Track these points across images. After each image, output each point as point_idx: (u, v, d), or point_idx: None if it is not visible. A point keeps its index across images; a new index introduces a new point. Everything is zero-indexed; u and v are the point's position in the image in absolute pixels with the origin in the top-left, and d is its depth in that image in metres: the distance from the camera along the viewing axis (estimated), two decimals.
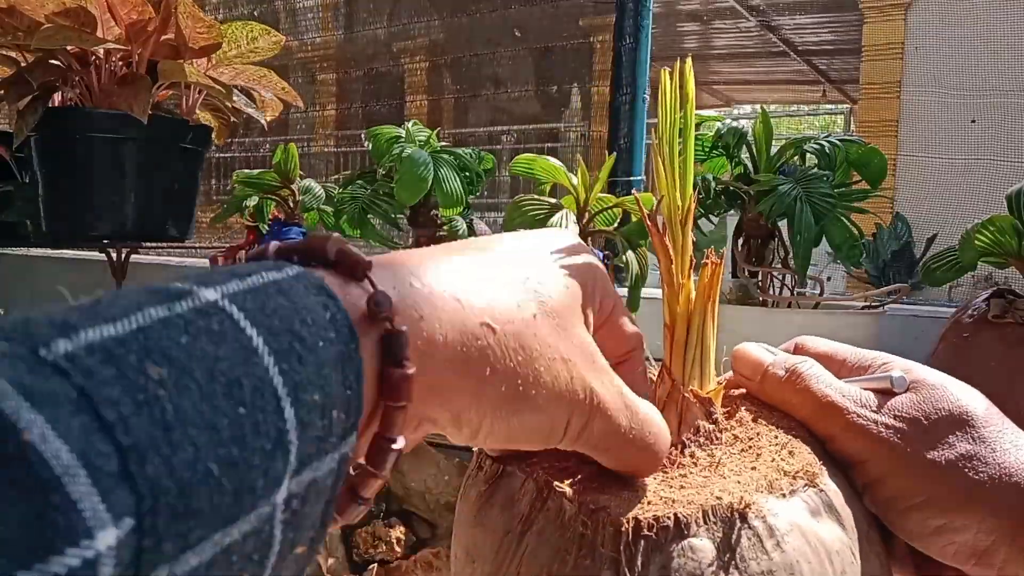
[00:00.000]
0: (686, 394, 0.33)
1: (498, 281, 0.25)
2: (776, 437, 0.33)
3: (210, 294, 0.18)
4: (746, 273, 1.14)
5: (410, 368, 0.21)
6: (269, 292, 0.18)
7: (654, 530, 0.27)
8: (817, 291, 1.17)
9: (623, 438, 0.26)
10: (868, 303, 1.16)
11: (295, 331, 0.18)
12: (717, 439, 0.33)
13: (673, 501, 0.28)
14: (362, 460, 0.22)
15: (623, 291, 1.27)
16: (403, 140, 1.38)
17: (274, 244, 0.22)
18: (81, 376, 0.15)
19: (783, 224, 1.12)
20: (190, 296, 0.17)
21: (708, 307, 0.34)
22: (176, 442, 0.15)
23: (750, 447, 0.32)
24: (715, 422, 0.33)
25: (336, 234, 0.24)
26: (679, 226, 0.35)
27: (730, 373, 0.39)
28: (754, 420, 0.35)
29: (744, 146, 1.16)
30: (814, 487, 0.29)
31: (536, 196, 1.20)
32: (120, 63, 1.56)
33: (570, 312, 0.26)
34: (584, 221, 1.22)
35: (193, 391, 0.16)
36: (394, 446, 0.21)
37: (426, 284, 0.23)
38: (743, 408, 0.36)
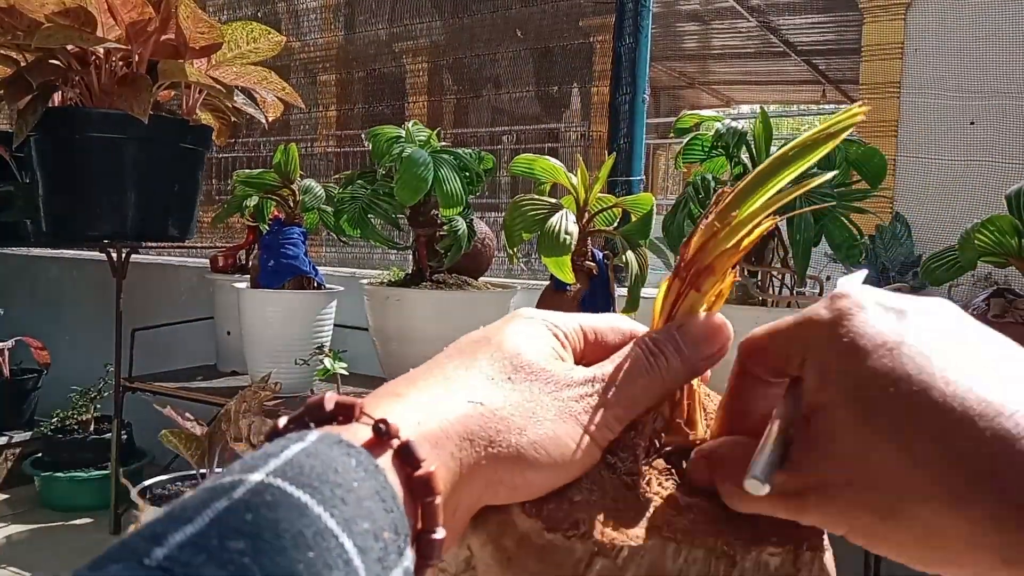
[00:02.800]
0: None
1: (471, 367, 0.30)
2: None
3: (256, 476, 0.22)
4: (746, 273, 1.15)
5: (429, 465, 0.26)
6: (301, 459, 0.23)
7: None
8: (817, 291, 1.17)
9: (626, 389, 0.31)
10: None
11: (332, 481, 0.23)
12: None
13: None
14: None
15: (623, 291, 1.26)
16: (403, 140, 1.38)
17: (283, 420, 0.27)
18: (181, 568, 0.19)
19: (783, 224, 1.12)
20: (241, 484, 0.22)
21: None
22: None
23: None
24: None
25: (329, 392, 0.28)
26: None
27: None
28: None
29: (744, 146, 1.16)
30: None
31: (536, 196, 1.20)
32: (120, 63, 1.56)
33: (534, 356, 0.31)
34: (584, 221, 1.23)
35: (268, 551, 0.20)
36: (434, 536, 0.26)
37: (414, 396, 0.29)
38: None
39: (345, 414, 0.27)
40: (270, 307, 1.56)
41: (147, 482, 1.66)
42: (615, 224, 1.29)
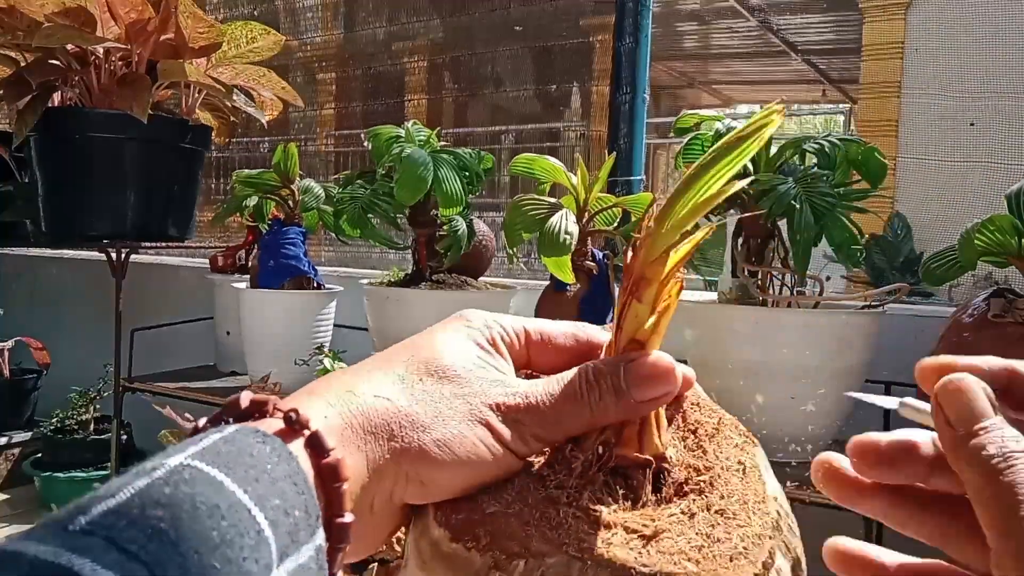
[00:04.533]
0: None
1: (385, 368, 0.31)
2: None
3: (175, 460, 0.24)
4: (746, 273, 1.14)
5: (336, 453, 0.27)
6: (218, 446, 0.25)
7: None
8: (817, 291, 1.17)
9: (548, 409, 0.31)
10: (868, 303, 1.16)
11: (246, 463, 0.24)
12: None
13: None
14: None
15: None
16: (403, 140, 1.38)
17: (202, 421, 0.29)
18: (103, 531, 0.21)
19: (783, 224, 1.12)
20: (162, 466, 0.23)
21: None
22: (184, 552, 0.21)
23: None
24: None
25: (245, 391, 0.30)
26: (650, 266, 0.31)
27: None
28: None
29: None
30: None
31: (536, 196, 1.20)
32: (120, 63, 1.56)
33: (453, 361, 0.31)
34: (584, 221, 1.22)
35: (185, 518, 0.22)
36: (342, 519, 0.27)
37: (323, 392, 0.30)
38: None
39: (260, 410, 0.28)
40: (270, 307, 1.55)
41: None
42: (615, 224, 1.29)
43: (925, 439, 0.29)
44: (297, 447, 0.27)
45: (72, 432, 2.14)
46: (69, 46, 1.46)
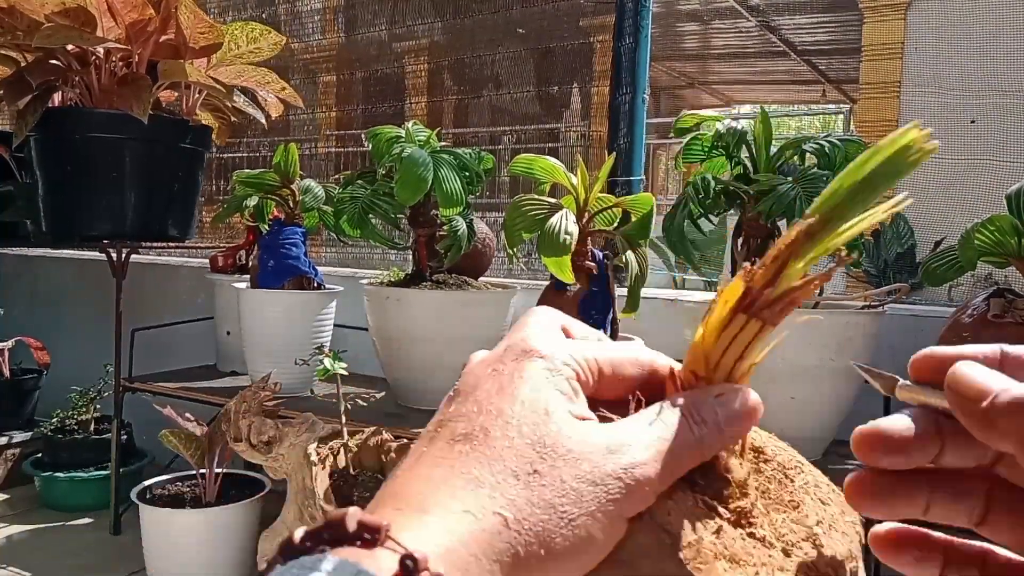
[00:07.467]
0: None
1: (492, 463, 0.27)
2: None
3: None
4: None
5: None
6: None
7: None
8: (818, 291, 1.17)
9: (671, 465, 0.28)
10: (868, 303, 1.16)
11: None
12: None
13: None
14: None
15: (623, 291, 1.26)
16: (403, 140, 1.38)
17: (300, 533, 0.25)
18: None
19: (783, 224, 1.12)
20: None
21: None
22: None
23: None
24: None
25: (353, 508, 0.25)
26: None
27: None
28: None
29: (744, 146, 1.16)
30: None
31: (536, 196, 1.20)
32: (120, 63, 1.56)
33: (558, 431, 0.28)
34: (584, 221, 1.22)
35: None
36: None
37: (437, 511, 0.26)
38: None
39: (370, 534, 0.25)
40: (270, 307, 1.55)
41: (147, 482, 1.66)
42: (615, 224, 1.29)
43: (928, 420, 0.29)
44: None
45: (72, 432, 2.14)
46: (69, 46, 1.46)
